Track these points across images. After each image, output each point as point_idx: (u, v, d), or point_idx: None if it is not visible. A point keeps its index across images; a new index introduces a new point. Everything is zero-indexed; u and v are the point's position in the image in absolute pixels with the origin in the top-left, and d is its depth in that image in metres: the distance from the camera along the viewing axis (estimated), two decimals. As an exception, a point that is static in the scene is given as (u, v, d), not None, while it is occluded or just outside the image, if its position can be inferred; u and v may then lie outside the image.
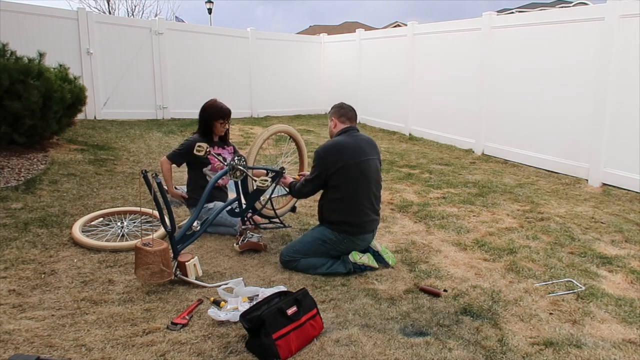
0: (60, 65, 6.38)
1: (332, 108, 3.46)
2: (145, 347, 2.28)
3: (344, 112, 3.39)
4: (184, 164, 3.93)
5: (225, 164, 3.46)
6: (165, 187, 3.75)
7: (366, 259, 3.19)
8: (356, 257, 3.16)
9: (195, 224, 3.20)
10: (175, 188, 4.06)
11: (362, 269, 3.17)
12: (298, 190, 3.37)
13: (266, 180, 3.21)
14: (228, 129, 4.06)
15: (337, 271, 3.14)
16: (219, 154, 3.91)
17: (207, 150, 3.35)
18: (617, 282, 3.12)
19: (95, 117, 8.95)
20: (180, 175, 5.53)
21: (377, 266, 3.22)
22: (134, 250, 2.81)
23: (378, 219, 3.35)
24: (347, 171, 3.13)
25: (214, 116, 3.89)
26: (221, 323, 2.50)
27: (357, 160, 3.16)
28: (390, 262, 3.28)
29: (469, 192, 5.20)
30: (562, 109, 6.10)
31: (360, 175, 3.16)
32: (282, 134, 3.85)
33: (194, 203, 3.91)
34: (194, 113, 10.09)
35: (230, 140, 4.17)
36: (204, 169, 3.89)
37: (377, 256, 3.28)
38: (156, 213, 3.01)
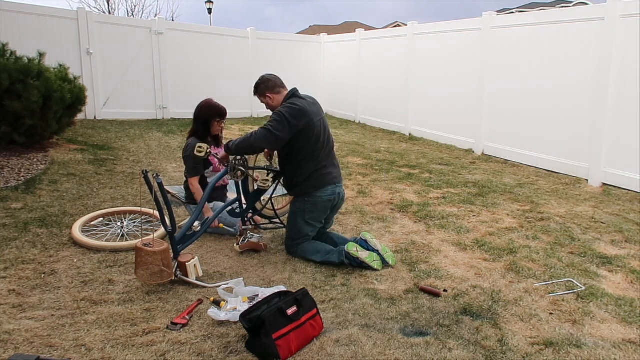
0: (60, 65, 6.38)
1: (256, 87, 3.44)
2: (145, 347, 2.28)
3: (273, 83, 3.39)
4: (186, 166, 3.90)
5: (225, 164, 3.46)
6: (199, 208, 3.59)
7: (365, 254, 3.16)
8: (351, 248, 3.16)
9: (195, 224, 3.20)
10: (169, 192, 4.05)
11: (358, 264, 3.16)
12: (245, 140, 3.19)
13: (267, 181, 3.21)
14: (222, 129, 4.04)
15: (331, 261, 3.19)
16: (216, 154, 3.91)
17: (208, 151, 3.35)
18: (617, 282, 3.12)
19: (95, 117, 8.95)
20: (180, 175, 5.53)
21: (379, 268, 3.19)
22: (135, 250, 2.81)
23: (340, 171, 3.47)
24: (310, 132, 3.21)
25: (211, 115, 3.88)
26: (221, 323, 2.50)
27: (316, 119, 3.25)
28: (390, 261, 3.28)
29: (469, 192, 5.20)
30: (562, 109, 6.10)
31: (321, 134, 3.27)
32: None
33: (195, 202, 3.91)
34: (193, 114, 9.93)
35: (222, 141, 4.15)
36: (205, 172, 3.88)
37: (378, 255, 3.27)
38: (156, 213, 3.01)
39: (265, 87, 3.38)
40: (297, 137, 3.19)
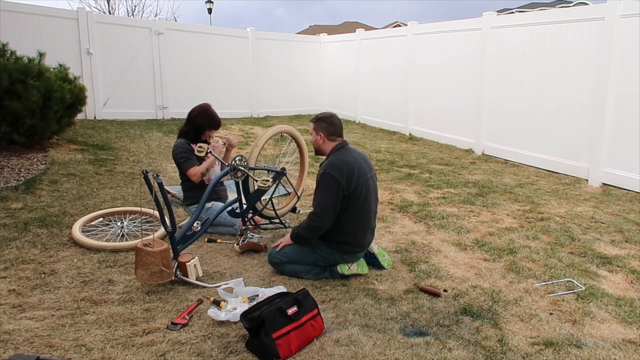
0: (60, 65, 6.38)
1: (319, 120, 3.13)
2: (145, 347, 2.28)
3: (333, 130, 3.09)
4: (180, 167, 3.89)
5: (226, 164, 3.47)
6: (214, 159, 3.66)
7: (355, 267, 3.09)
8: (344, 269, 3.06)
9: (195, 224, 3.20)
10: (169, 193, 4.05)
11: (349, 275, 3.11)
12: (311, 228, 2.99)
13: (267, 181, 3.21)
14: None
15: (325, 278, 3.09)
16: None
17: (208, 150, 3.37)
18: (617, 282, 3.12)
19: (95, 117, 8.95)
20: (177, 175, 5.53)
21: (366, 272, 3.14)
22: (134, 250, 2.81)
23: (374, 234, 3.26)
24: (358, 193, 2.97)
25: (206, 125, 3.87)
26: (221, 323, 2.50)
27: (364, 179, 3.00)
28: (385, 265, 3.24)
29: (469, 192, 5.20)
30: (563, 108, 6.10)
31: (367, 195, 3.02)
32: (284, 134, 3.86)
33: (192, 203, 3.91)
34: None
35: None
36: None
37: (373, 258, 3.24)
38: (156, 213, 3.01)
39: (326, 128, 3.09)
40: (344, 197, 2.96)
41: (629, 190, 5.29)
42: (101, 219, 3.92)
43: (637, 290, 3.01)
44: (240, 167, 3.31)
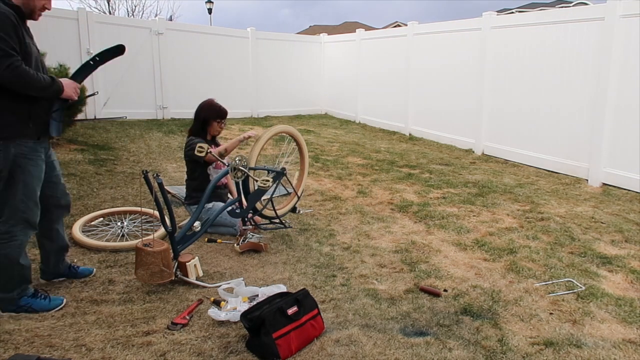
0: (61, 65, 6.38)
1: None
2: (145, 347, 2.28)
3: None
4: (189, 165, 3.92)
5: (226, 164, 3.46)
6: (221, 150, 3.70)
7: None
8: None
9: (195, 224, 3.20)
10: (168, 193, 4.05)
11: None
12: None
13: (267, 181, 3.21)
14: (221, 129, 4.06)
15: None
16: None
17: (208, 151, 3.37)
18: (617, 282, 3.12)
19: (95, 117, 8.95)
20: (180, 175, 5.53)
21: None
22: (135, 250, 2.81)
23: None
24: None
25: (210, 115, 3.90)
26: (221, 323, 2.50)
27: None
28: None
29: (469, 192, 5.20)
30: (562, 108, 6.10)
31: None
32: (284, 134, 3.86)
33: (195, 202, 3.91)
34: (193, 113, 10.00)
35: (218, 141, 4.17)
36: (209, 168, 3.89)
37: None
38: (156, 213, 3.01)
39: None
40: None
41: (629, 190, 5.29)
42: (101, 219, 3.92)
43: (637, 290, 3.02)
44: (240, 167, 3.31)
